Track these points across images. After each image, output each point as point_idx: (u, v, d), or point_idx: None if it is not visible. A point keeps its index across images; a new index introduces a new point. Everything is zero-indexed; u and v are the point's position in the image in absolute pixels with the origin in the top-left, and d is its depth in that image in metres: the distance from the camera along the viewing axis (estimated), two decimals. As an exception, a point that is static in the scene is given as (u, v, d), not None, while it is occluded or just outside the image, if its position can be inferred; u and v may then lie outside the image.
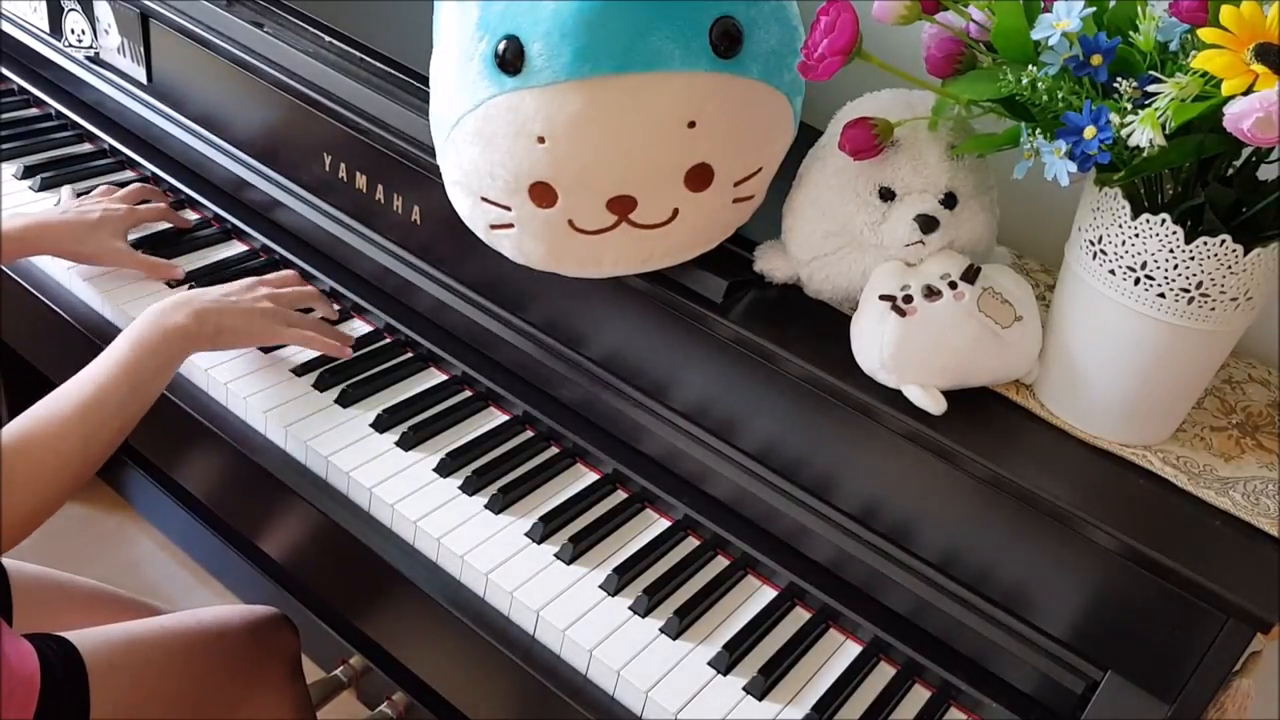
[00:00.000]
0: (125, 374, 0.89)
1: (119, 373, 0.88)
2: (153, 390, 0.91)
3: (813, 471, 0.89)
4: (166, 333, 0.93)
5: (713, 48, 0.77)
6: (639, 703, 0.82)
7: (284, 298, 1.05)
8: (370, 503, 0.94)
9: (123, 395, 0.88)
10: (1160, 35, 0.68)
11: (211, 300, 0.98)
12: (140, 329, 0.92)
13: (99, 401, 0.86)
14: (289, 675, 1.10)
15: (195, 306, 0.96)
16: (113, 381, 0.88)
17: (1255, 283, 0.71)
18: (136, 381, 0.89)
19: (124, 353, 0.90)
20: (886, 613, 0.89)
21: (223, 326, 0.97)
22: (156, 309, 0.95)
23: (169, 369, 0.93)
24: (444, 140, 0.85)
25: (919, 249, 0.82)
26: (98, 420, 0.86)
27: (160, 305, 0.95)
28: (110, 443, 0.88)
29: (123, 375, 0.88)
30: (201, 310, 0.96)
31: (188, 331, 0.94)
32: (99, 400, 0.86)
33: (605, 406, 0.98)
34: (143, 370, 0.90)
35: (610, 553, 0.92)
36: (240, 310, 1.00)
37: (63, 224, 1.10)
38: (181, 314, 0.94)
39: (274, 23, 1.13)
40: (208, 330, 0.96)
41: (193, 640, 1.00)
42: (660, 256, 0.86)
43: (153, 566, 1.74)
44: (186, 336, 0.94)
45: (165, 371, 0.93)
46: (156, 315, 0.94)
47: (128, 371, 0.89)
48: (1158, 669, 0.75)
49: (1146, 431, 0.80)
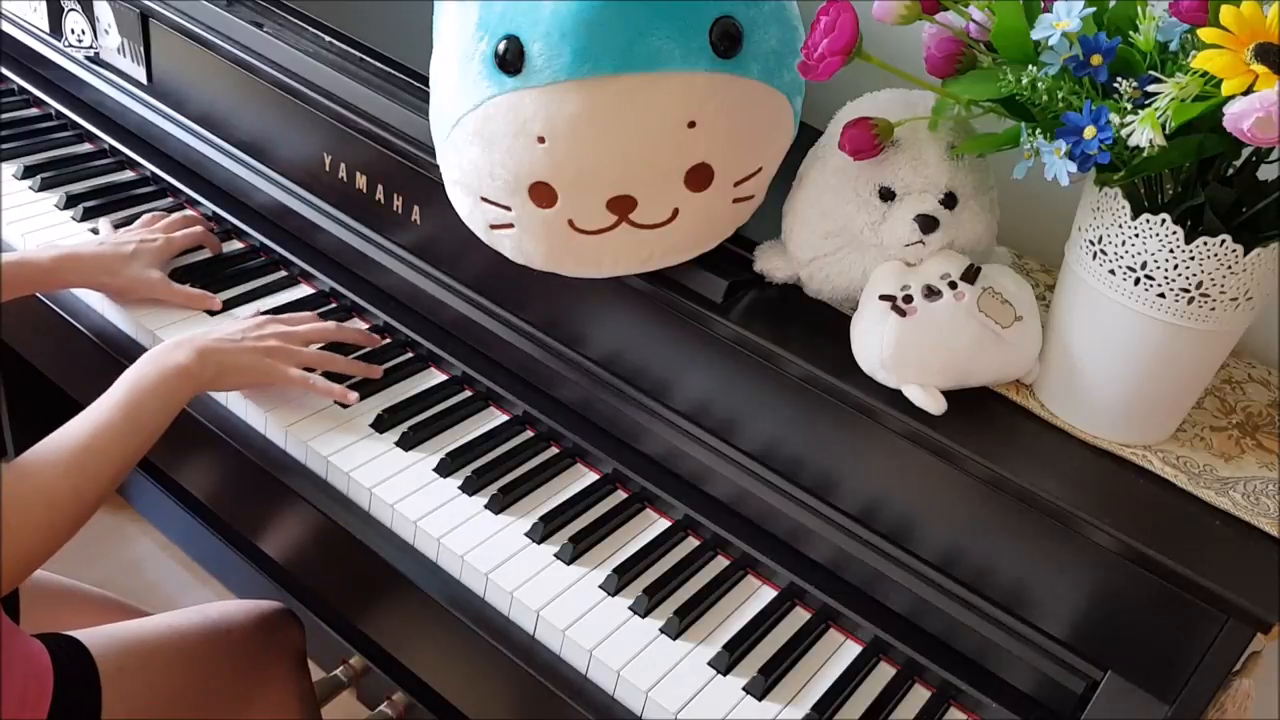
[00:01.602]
0: (124, 417, 0.87)
1: (117, 416, 0.87)
2: (153, 431, 0.90)
3: (813, 471, 0.89)
4: (166, 373, 0.91)
5: (712, 48, 0.77)
6: (639, 703, 0.82)
7: (296, 336, 1.02)
8: (370, 503, 0.94)
9: (120, 439, 0.87)
10: (1160, 35, 0.68)
11: (215, 340, 0.96)
12: (141, 369, 0.91)
13: (94, 448, 0.85)
14: (295, 670, 1.10)
15: (198, 345, 0.94)
16: (110, 426, 0.86)
17: (1255, 283, 0.71)
18: (135, 425, 0.88)
19: (123, 394, 0.88)
20: (886, 613, 0.89)
21: (225, 366, 0.96)
22: (159, 349, 0.94)
23: (170, 410, 0.91)
24: (444, 140, 0.85)
25: (919, 249, 0.82)
26: (94, 467, 0.85)
27: (163, 345, 0.94)
28: (107, 486, 0.86)
29: (120, 419, 0.87)
30: (204, 350, 0.94)
31: (189, 371, 0.92)
32: (95, 447, 0.85)
33: (605, 406, 0.98)
34: (142, 412, 0.89)
35: (610, 553, 0.92)
36: (245, 350, 0.98)
37: (95, 256, 1.08)
38: (183, 353, 0.93)
39: (274, 23, 1.13)
40: (209, 371, 0.94)
41: (200, 637, 1.00)
42: (660, 256, 0.86)
43: (153, 566, 1.74)
44: (188, 376, 0.92)
45: (166, 412, 0.91)
46: (157, 355, 0.92)
47: (126, 415, 0.87)
48: (1158, 669, 0.75)
49: (1146, 431, 0.80)
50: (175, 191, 1.27)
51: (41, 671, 0.84)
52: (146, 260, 1.10)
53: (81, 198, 1.24)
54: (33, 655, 0.85)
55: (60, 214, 1.22)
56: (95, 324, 1.11)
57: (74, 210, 1.22)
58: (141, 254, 1.10)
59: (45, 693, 0.84)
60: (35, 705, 0.83)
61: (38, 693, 0.83)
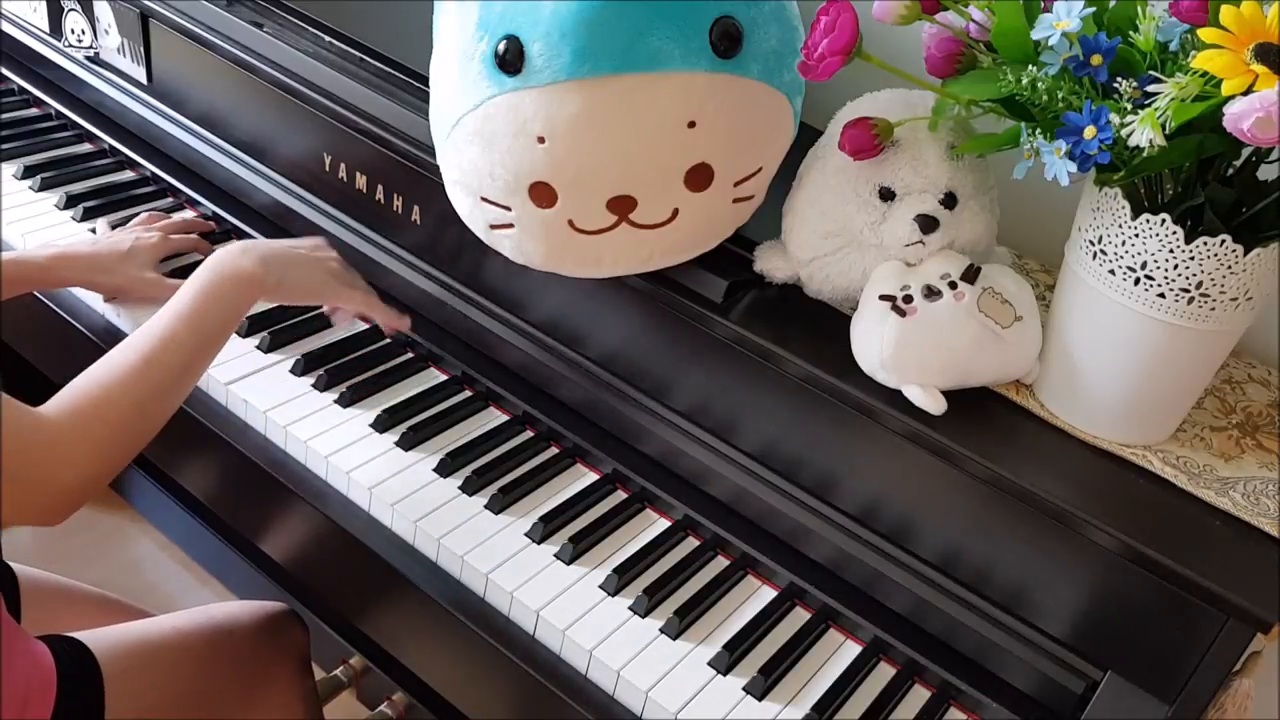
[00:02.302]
0: (190, 328, 0.85)
1: (182, 327, 0.85)
2: (218, 342, 0.88)
3: (813, 471, 0.89)
4: (235, 278, 0.89)
5: (712, 48, 0.77)
6: (639, 703, 0.82)
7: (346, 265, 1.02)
8: (370, 503, 0.94)
9: (187, 351, 0.85)
10: (1160, 35, 0.68)
11: (280, 249, 0.96)
12: (206, 277, 0.89)
13: (161, 361, 0.83)
14: (299, 670, 1.10)
15: (262, 252, 0.93)
16: (176, 337, 0.84)
17: (1255, 283, 0.71)
18: (202, 334, 0.86)
19: (190, 303, 0.87)
20: (886, 613, 0.89)
21: (287, 277, 0.94)
22: (222, 253, 0.91)
23: (235, 318, 0.90)
24: (444, 140, 0.85)
25: (919, 249, 0.82)
26: (158, 382, 0.83)
27: (226, 250, 0.92)
28: (170, 405, 0.85)
29: (187, 329, 0.85)
30: (268, 256, 0.93)
31: (254, 278, 0.91)
32: (162, 360, 0.83)
33: (605, 406, 0.98)
34: (209, 321, 0.87)
35: (610, 553, 0.92)
36: (308, 263, 0.97)
37: (91, 255, 1.08)
38: (249, 259, 0.91)
39: (274, 23, 1.13)
40: (273, 279, 0.92)
41: (204, 639, 1.00)
42: (660, 256, 0.86)
43: (153, 566, 1.74)
44: (253, 283, 0.91)
45: (231, 321, 0.90)
46: (222, 260, 0.90)
47: (193, 325, 0.86)
48: (1158, 669, 0.75)
49: (1146, 431, 0.80)
50: (175, 191, 1.27)
51: (45, 673, 0.84)
52: (142, 259, 1.10)
53: (81, 198, 1.24)
54: (36, 656, 0.85)
55: (60, 214, 1.22)
56: (95, 323, 1.11)
57: (74, 210, 1.22)
58: (137, 252, 1.10)
59: (49, 695, 0.84)
60: (38, 707, 0.83)
61: (41, 694, 0.83)
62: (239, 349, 1.06)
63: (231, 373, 1.03)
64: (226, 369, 1.03)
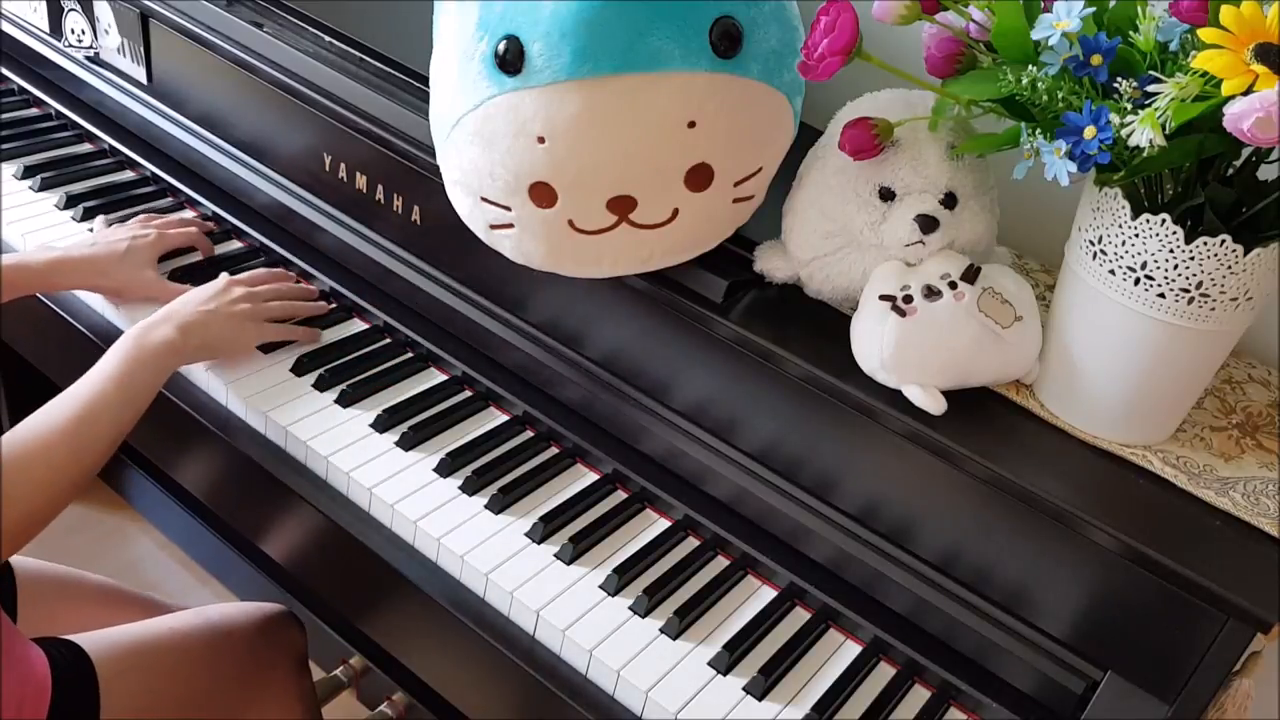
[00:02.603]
0: (117, 388, 0.90)
1: (111, 387, 0.90)
2: (143, 402, 0.93)
3: (813, 471, 0.89)
4: (155, 348, 0.94)
5: (712, 48, 0.77)
6: (639, 703, 0.82)
7: (260, 295, 1.06)
8: (370, 503, 0.94)
9: (115, 408, 0.89)
10: (1160, 35, 0.68)
11: (193, 313, 0.99)
12: (127, 346, 0.93)
13: (92, 415, 0.88)
14: (296, 672, 1.10)
15: (178, 322, 0.97)
16: (104, 396, 0.89)
17: (1255, 283, 0.71)
18: (128, 395, 0.91)
19: (114, 368, 0.91)
20: (886, 613, 0.89)
21: (207, 340, 0.99)
22: (141, 326, 0.96)
23: (158, 382, 0.95)
24: (444, 140, 0.85)
25: (919, 249, 0.82)
26: (91, 433, 0.87)
27: (145, 322, 0.97)
28: (103, 453, 0.89)
29: (114, 389, 0.90)
30: (185, 325, 0.97)
31: (174, 347, 0.96)
32: (92, 413, 0.88)
33: (605, 406, 0.98)
34: (134, 384, 0.91)
35: (610, 553, 0.92)
36: (223, 319, 1.01)
37: (89, 259, 1.09)
38: (166, 329, 0.96)
39: (274, 23, 1.13)
40: (192, 343, 0.98)
41: (201, 641, 1.00)
42: (660, 256, 0.86)
43: (153, 566, 1.74)
44: (173, 352, 0.96)
45: (155, 384, 0.94)
46: (142, 333, 0.95)
47: (119, 385, 0.90)
48: (1158, 669, 0.75)
49: (1146, 431, 0.80)
50: (175, 191, 1.26)
51: (39, 677, 0.84)
52: (139, 259, 1.11)
53: (81, 198, 1.24)
54: (31, 660, 0.84)
55: (60, 214, 1.22)
56: (94, 323, 1.11)
57: (74, 210, 1.22)
58: (134, 252, 1.11)
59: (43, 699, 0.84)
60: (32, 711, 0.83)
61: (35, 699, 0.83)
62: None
63: (232, 374, 1.03)
64: (227, 370, 1.03)
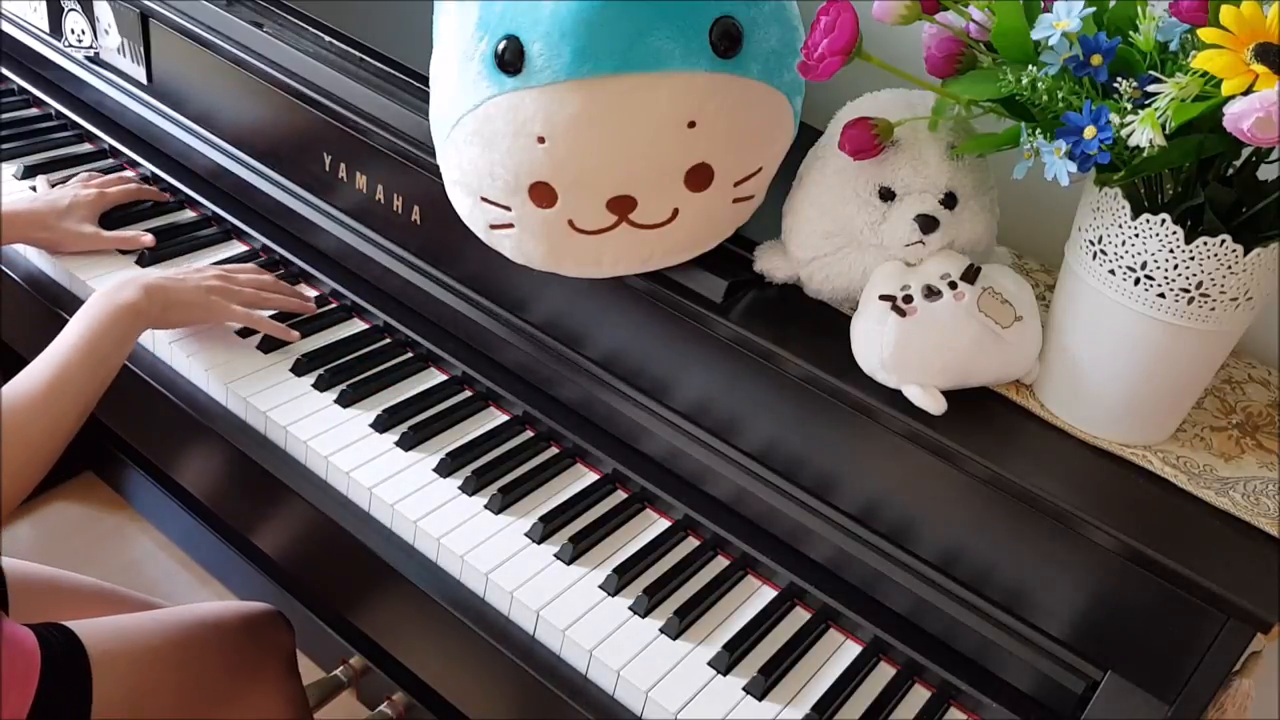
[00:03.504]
0: (83, 355, 0.90)
1: (77, 355, 0.90)
2: (111, 367, 0.93)
3: (813, 471, 0.89)
4: (118, 309, 0.94)
5: (713, 48, 0.77)
6: (639, 703, 0.82)
7: (237, 280, 1.07)
8: (370, 503, 0.94)
9: (84, 375, 0.90)
10: (1160, 35, 0.68)
11: (159, 277, 1.01)
12: (91, 310, 0.94)
13: (62, 383, 0.88)
14: (284, 671, 1.10)
15: (143, 283, 0.98)
16: (73, 363, 0.89)
17: (1255, 283, 0.71)
18: (95, 360, 0.91)
19: (80, 333, 0.91)
20: (886, 613, 0.89)
21: (171, 302, 1.00)
22: (106, 289, 0.96)
23: (124, 346, 0.95)
24: (444, 140, 0.85)
25: (919, 249, 0.82)
26: (63, 403, 0.88)
27: (110, 285, 0.97)
28: (76, 422, 0.89)
29: (81, 356, 0.90)
30: (150, 286, 0.98)
31: (137, 308, 0.96)
32: (62, 382, 0.88)
33: (605, 406, 0.98)
34: (100, 348, 0.92)
35: (610, 553, 0.92)
36: (189, 287, 1.02)
37: (29, 212, 1.11)
38: (129, 291, 0.96)
39: (274, 23, 1.13)
40: (156, 307, 0.98)
41: (191, 634, 1.00)
42: (660, 256, 0.86)
43: (153, 566, 1.74)
44: (137, 313, 0.96)
45: (121, 348, 0.95)
46: (106, 294, 0.96)
47: (86, 352, 0.90)
48: (1158, 669, 0.75)
49: (1146, 431, 0.80)
50: (175, 191, 1.26)
51: (28, 656, 0.84)
52: (80, 214, 1.13)
53: (81, 198, 1.24)
54: (19, 640, 0.84)
55: (60, 214, 1.22)
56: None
57: (74, 210, 1.22)
58: (75, 208, 1.13)
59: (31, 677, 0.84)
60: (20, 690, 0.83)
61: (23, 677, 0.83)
62: (238, 349, 1.06)
63: (231, 373, 1.03)
64: (226, 369, 1.03)
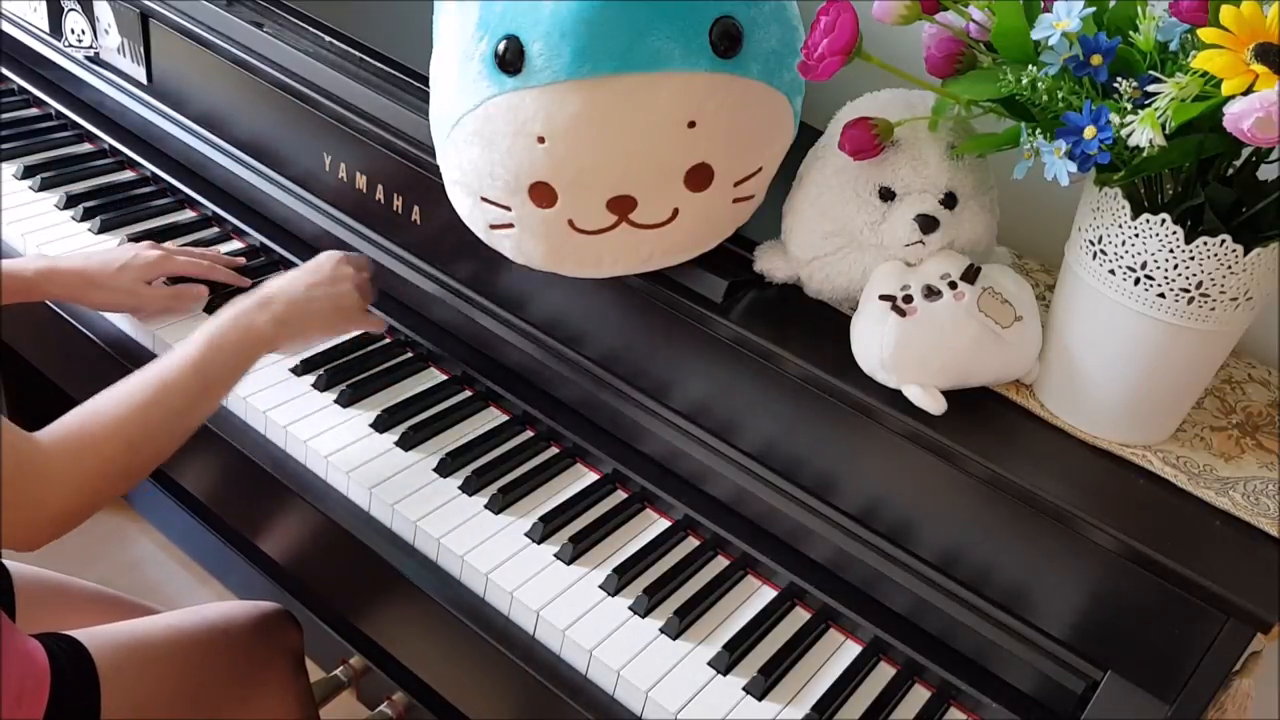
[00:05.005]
0: (195, 374, 0.84)
1: (189, 372, 0.84)
2: (219, 394, 0.87)
3: (813, 471, 0.89)
4: (245, 334, 0.88)
5: (713, 48, 0.77)
6: (639, 703, 0.82)
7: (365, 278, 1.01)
8: (370, 503, 0.94)
9: (188, 397, 0.84)
10: (1160, 35, 0.68)
11: (293, 300, 0.93)
12: (220, 327, 0.88)
13: (159, 402, 0.82)
14: (293, 670, 1.10)
15: (276, 310, 0.91)
16: (180, 382, 0.83)
17: (1255, 283, 0.71)
18: (204, 383, 0.85)
19: (199, 351, 0.85)
20: (886, 613, 0.89)
21: (304, 329, 0.94)
22: (239, 307, 0.90)
23: (240, 371, 0.89)
24: (444, 140, 0.85)
25: (919, 249, 0.82)
26: (156, 423, 0.82)
27: (244, 304, 0.91)
28: (165, 447, 0.83)
29: (193, 375, 0.84)
30: (283, 316, 0.92)
31: (264, 338, 0.90)
32: (160, 401, 0.82)
33: (605, 406, 0.98)
34: (214, 372, 0.86)
35: (610, 553, 0.92)
36: (324, 313, 0.96)
37: (80, 270, 1.05)
38: (264, 318, 0.90)
39: (274, 23, 1.13)
40: (284, 337, 0.92)
41: (199, 638, 1.00)
42: (660, 256, 0.86)
43: (153, 566, 1.74)
44: (262, 342, 0.90)
45: (236, 373, 0.88)
46: (238, 314, 0.89)
47: (198, 372, 0.85)
48: (1158, 669, 0.75)
49: (1146, 431, 0.80)
50: (175, 191, 1.26)
51: (38, 671, 0.84)
52: (134, 274, 1.06)
53: (81, 198, 1.24)
54: (30, 654, 0.85)
55: (60, 214, 1.22)
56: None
57: (74, 210, 1.22)
58: (128, 269, 1.06)
59: (42, 692, 0.84)
60: (31, 704, 0.83)
61: (34, 692, 0.83)
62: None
63: (231, 373, 1.03)
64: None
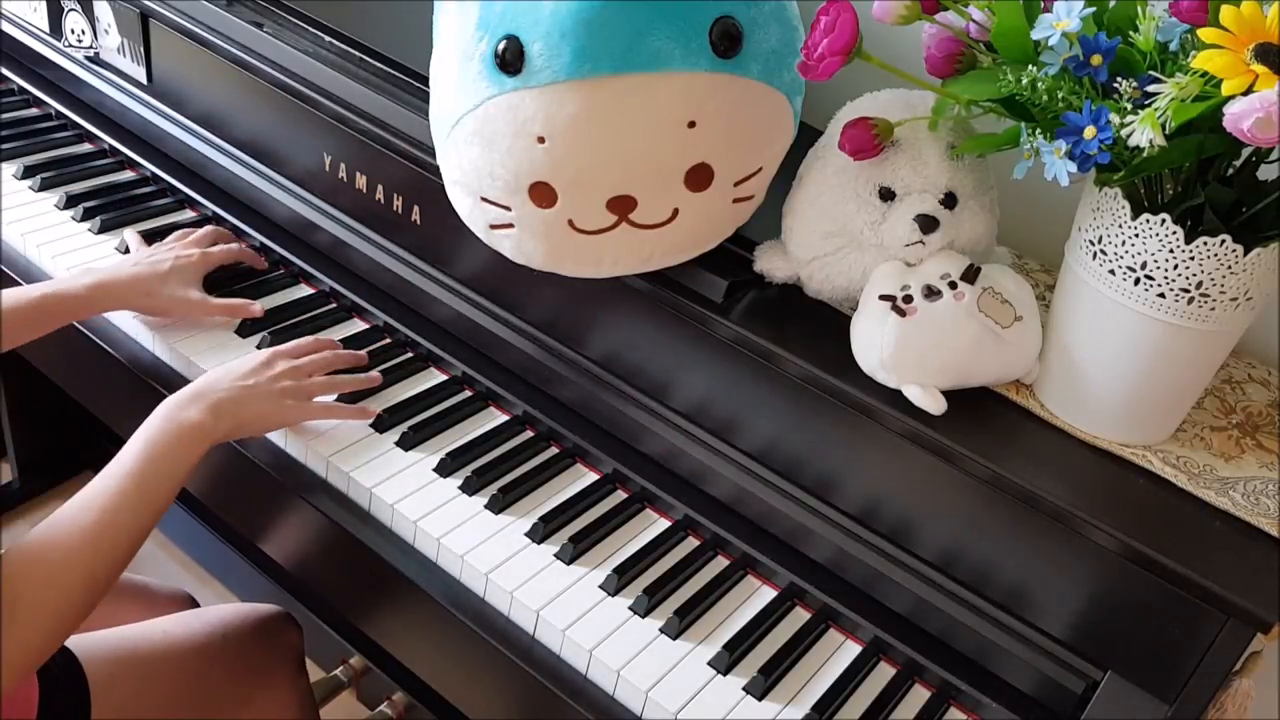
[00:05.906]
0: (137, 487, 0.82)
1: (129, 485, 0.82)
2: (167, 497, 0.85)
3: (813, 471, 0.89)
4: (181, 432, 0.86)
5: (712, 48, 0.77)
6: (639, 703, 0.82)
7: (304, 369, 0.98)
8: (370, 503, 0.94)
9: (134, 510, 0.82)
10: (1160, 35, 0.68)
11: (228, 390, 0.92)
12: (154, 428, 0.86)
13: (107, 524, 0.80)
14: (294, 673, 1.10)
15: (211, 400, 0.90)
16: (123, 498, 0.81)
17: (1255, 283, 0.71)
18: (149, 493, 0.83)
19: (135, 461, 0.84)
20: (886, 613, 0.88)
21: (242, 420, 0.92)
22: (171, 404, 0.89)
23: (184, 471, 0.86)
24: (444, 140, 0.85)
25: (919, 249, 0.82)
26: (107, 545, 0.80)
27: (175, 399, 0.89)
28: (120, 564, 0.81)
29: (133, 487, 0.82)
30: (218, 405, 0.90)
31: (204, 430, 0.88)
32: (107, 522, 0.80)
33: (605, 406, 0.98)
34: (156, 476, 0.84)
35: (610, 553, 0.92)
36: (261, 397, 0.93)
37: (131, 280, 1.04)
38: (197, 409, 0.88)
39: (274, 23, 1.13)
40: (224, 426, 0.90)
41: (197, 644, 0.99)
42: (660, 256, 0.86)
43: (153, 567, 1.74)
44: (203, 434, 0.88)
45: (180, 475, 0.86)
46: (171, 410, 0.88)
47: (139, 482, 0.82)
48: (1158, 669, 0.75)
49: (1146, 431, 0.80)
50: (175, 191, 1.26)
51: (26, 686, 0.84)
52: (182, 278, 1.06)
53: (81, 198, 1.24)
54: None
55: (60, 214, 1.22)
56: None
57: (74, 210, 1.22)
58: (178, 272, 1.06)
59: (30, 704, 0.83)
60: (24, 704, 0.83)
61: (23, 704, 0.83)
62: (238, 350, 1.06)
63: (231, 373, 1.03)
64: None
